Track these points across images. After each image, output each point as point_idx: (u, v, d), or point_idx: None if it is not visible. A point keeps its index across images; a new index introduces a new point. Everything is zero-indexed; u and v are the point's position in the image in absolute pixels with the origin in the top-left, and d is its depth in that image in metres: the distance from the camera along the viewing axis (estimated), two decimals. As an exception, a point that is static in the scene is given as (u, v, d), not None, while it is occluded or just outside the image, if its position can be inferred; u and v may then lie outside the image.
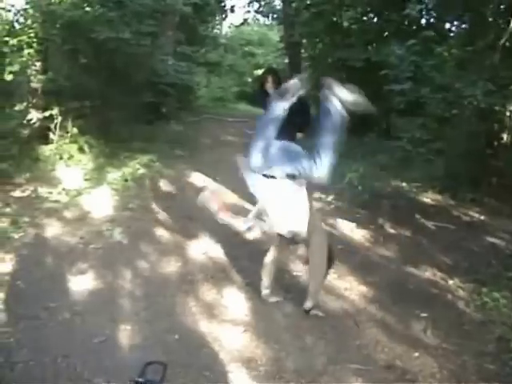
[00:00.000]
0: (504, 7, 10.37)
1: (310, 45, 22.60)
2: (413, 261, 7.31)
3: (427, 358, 4.94)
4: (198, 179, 11.55)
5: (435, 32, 12.07)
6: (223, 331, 5.33)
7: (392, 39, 13.77)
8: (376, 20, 18.22)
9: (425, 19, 15.34)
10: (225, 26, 44.45)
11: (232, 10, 34.68)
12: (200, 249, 7.46)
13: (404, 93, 10.55)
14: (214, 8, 30.47)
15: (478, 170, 9.89)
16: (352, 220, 8.88)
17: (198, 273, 6.68)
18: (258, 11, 35.70)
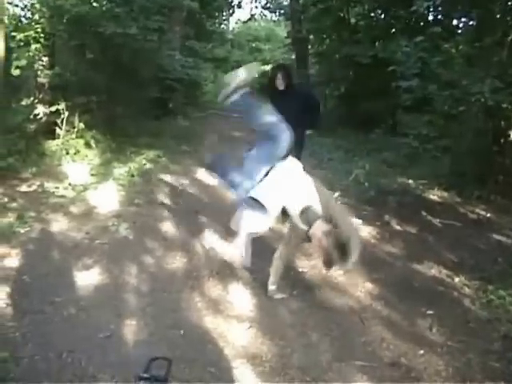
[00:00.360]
0: (512, 4, 10.34)
1: (317, 41, 22.61)
2: (419, 258, 7.30)
3: (432, 356, 4.93)
4: (204, 175, 11.54)
5: (443, 28, 12.04)
6: (228, 327, 5.33)
7: (399, 36, 13.76)
8: (383, 16, 18.23)
9: (432, 16, 15.32)
10: (232, 22, 44.52)
11: (239, 6, 34.68)
12: (206, 245, 7.45)
13: (411, 89, 10.52)
14: (221, 3, 30.47)
15: (485, 168, 9.86)
16: (358, 217, 8.85)
17: (204, 269, 6.68)
18: (265, 7, 35.72)
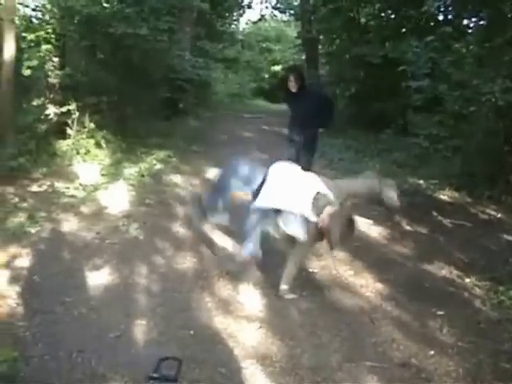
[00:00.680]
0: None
1: (328, 41, 22.62)
2: (429, 258, 7.29)
3: (443, 357, 4.91)
4: (215, 175, 11.56)
5: (453, 28, 12.03)
6: (238, 327, 5.33)
7: (410, 36, 13.75)
8: (394, 16, 18.21)
9: (442, 15, 15.30)
10: (242, 22, 44.49)
11: (249, 6, 34.74)
12: (216, 245, 7.46)
13: (421, 89, 10.52)
14: (232, 4, 30.53)
15: (496, 168, 9.83)
16: (368, 217, 8.84)
17: (214, 269, 6.69)
18: (276, 7, 35.78)
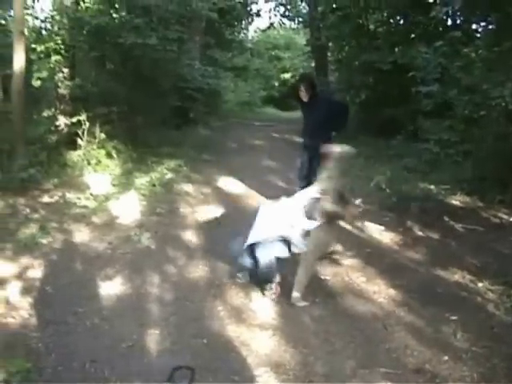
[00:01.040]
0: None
1: (337, 48, 22.60)
2: (442, 263, 7.25)
3: (457, 362, 4.89)
4: (226, 183, 11.58)
5: (462, 33, 12.02)
6: (251, 335, 5.33)
7: (418, 41, 13.75)
8: (402, 22, 18.20)
9: (451, 21, 15.29)
10: (251, 31, 44.54)
11: (258, 15, 34.73)
12: (228, 253, 7.46)
13: (431, 94, 10.52)
14: (240, 12, 30.53)
15: (507, 172, 9.78)
16: (380, 223, 8.84)
17: (226, 277, 6.69)
18: (284, 15, 35.74)
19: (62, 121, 12.28)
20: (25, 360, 4.60)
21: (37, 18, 14.71)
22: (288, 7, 34.99)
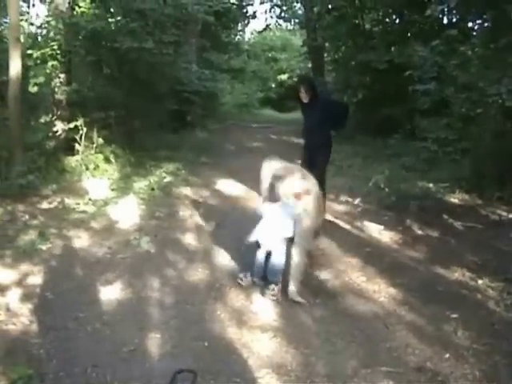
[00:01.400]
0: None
1: (333, 48, 22.67)
2: (441, 261, 7.25)
3: (458, 359, 4.89)
4: (224, 186, 11.58)
5: (458, 31, 12.02)
6: (252, 337, 5.32)
7: (415, 40, 13.76)
8: (398, 21, 18.24)
9: (447, 19, 15.31)
10: (247, 33, 44.64)
11: (254, 16, 34.91)
12: (228, 255, 7.46)
13: (428, 93, 10.53)
14: (236, 15, 30.57)
15: (505, 169, 9.79)
16: (379, 222, 8.84)
17: (226, 280, 6.69)
18: (280, 16, 35.83)
19: (60, 126, 12.30)
20: (26, 366, 4.60)
21: (32, 24, 14.77)
22: (284, 8, 35.08)
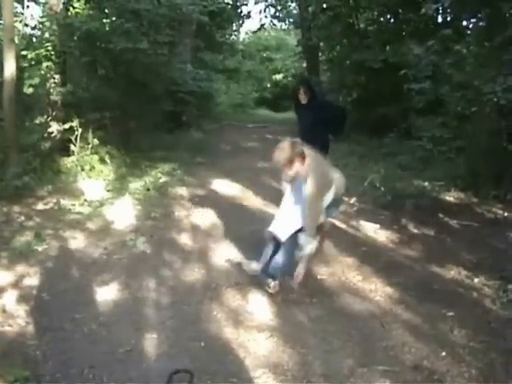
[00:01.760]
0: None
1: (328, 48, 22.69)
2: (437, 260, 7.27)
3: (455, 358, 4.90)
4: (220, 186, 11.58)
5: (452, 30, 12.03)
6: (249, 337, 5.32)
7: (409, 39, 13.77)
8: (393, 20, 18.25)
9: (441, 18, 15.32)
10: (242, 33, 44.66)
11: (248, 16, 34.98)
12: (224, 255, 7.46)
13: (423, 92, 10.53)
14: (231, 15, 30.60)
15: (500, 167, 9.81)
16: (375, 221, 8.86)
17: (223, 280, 6.69)
18: (275, 16, 35.87)
19: (55, 127, 12.29)
20: (23, 368, 4.59)
21: (27, 25, 14.76)
22: (278, 8, 35.13)
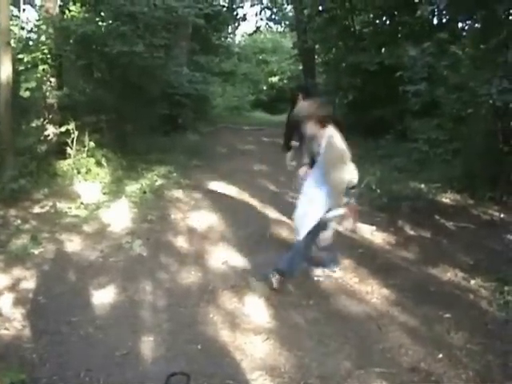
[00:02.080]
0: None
1: (324, 50, 22.75)
2: (434, 262, 7.27)
3: (451, 359, 4.90)
4: (217, 188, 11.58)
5: (448, 32, 12.05)
6: (246, 340, 5.32)
7: (405, 41, 13.79)
8: (388, 23, 18.27)
9: (437, 20, 15.35)
10: (238, 35, 44.70)
11: (244, 19, 34.88)
12: (220, 258, 7.46)
13: (419, 94, 10.54)
14: (226, 17, 30.58)
15: (496, 168, 9.83)
16: (372, 223, 8.85)
17: (219, 282, 6.69)
18: (271, 19, 35.91)
19: (51, 130, 12.27)
20: (19, 371, 4.58)
21: (23, 29, 14.69)
22: (274, 11, 35.16)
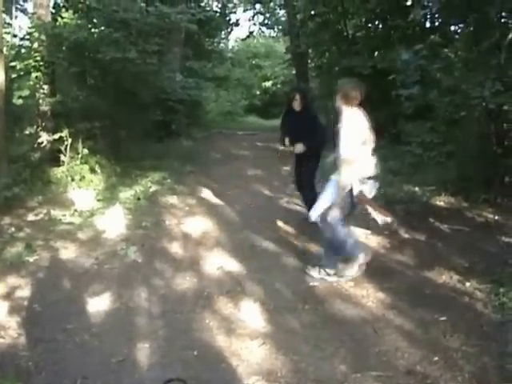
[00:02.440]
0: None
1: (317, 54, 22.75)
2: (429, 265, 7.27)
3: (448, 362, 4.89)
4: (211, 194, 11.57)
5: (440, 35, 12.07)
6: (242, 345, 5.31)
7: (398, 44, 13.82)
8: (381, 26, 18.30)
9: (429, 23, 15.36)
10: (231, 40, 44.76)
11: (237, 24, 34.98)
12: (215, 264, 7.46)
13: (412, 97, 10.54)
14: (219, 23, 30.60)
15: (490, 171, 9.83)
16: (366, 227, 8.84)
17: (214, 288, 6.68)
18: (263, 24, 35.97)
19: (45, 137, 12.27)
20: (15, 379, 4.57)
21: (15, 36, 14.72)
22: (267, 16, 35.22)
